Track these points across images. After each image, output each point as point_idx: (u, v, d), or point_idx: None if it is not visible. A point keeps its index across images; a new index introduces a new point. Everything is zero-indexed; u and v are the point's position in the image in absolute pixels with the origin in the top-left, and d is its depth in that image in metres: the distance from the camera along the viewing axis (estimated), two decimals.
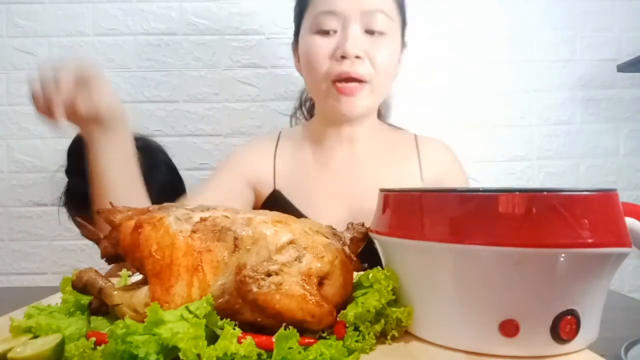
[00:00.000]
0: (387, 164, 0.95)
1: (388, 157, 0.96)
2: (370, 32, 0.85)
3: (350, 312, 0.43)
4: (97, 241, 0.51)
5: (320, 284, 0.45)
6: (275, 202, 0.93)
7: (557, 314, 0.40)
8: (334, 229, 0.52)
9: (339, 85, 0.85)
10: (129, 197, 0.78)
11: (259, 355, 0.38)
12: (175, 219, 0.47)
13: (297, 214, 0.70)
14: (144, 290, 0.45)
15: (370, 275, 0.47)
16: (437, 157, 0.99)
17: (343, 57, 0.83)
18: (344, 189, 0.93)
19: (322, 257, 0.45)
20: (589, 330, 0.43)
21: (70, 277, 0.53)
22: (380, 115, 1.06)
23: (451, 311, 0.43)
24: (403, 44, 0.95)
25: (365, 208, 0.63)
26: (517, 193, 0.40)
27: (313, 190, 0.94)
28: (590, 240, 0.39)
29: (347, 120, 0.91)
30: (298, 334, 0.40)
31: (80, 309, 0.51)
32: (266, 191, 0.95)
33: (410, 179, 0.94)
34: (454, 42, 1.53)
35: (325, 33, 0.86)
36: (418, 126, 1.08)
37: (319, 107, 0.96)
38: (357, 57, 0.83)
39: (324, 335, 0.44)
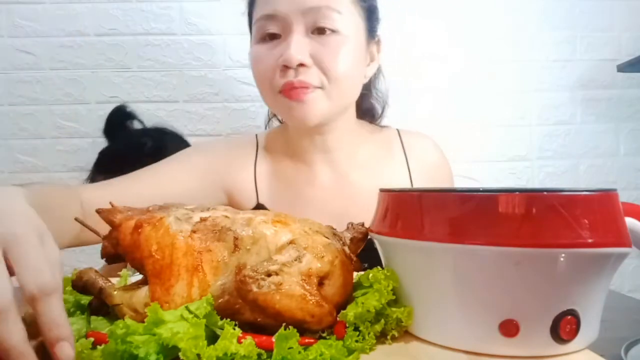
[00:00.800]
0: (372, 170, 0.90)
1: (373, 163, 0.91)
2: (318, 31, 0.76)
3: (350, 312, 0.43)
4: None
5: (320, 284, 0.45)
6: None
7: (557, 314, 0.40)
8: (334, 229, 0.52)
9: (286, 88, 0.76)
10: None
11: (259, 355, 0.38)
12: (175, 219, 0.47)
13: None
14: (144, 290, 0.46)
15: (370, 275, 0.47)
16: (425, 155, 0.94)
17: (286, 67, 0.75)
18: (331, 203, 0.87)
19: (322, 257, 0.45)
20: (589, 330, 0.43)
21: (70, 277, 0.53)
22: (370, 115, 1.00)
23: (451, 311, 0.43)
24: (372, 39, 0.85)
25: (356, 216, 0.59)
26: (517, 193, 0.40)
27: (299, 207, 0.87)
28: (590, 240, 0.39)
29: (307, 128, 0.83)
30: (298, 334, 0.40)
31: (80, 309, 0.51)
32: (249, 203, 0.89)
33: (398, 182, 0.89)
34: (454, 42, 1.53)
35: (269, 39, 0.78)
36: (417, 126, 1.08)
37: (280, 117, 0.92)
38: (301, 64, 0.75)
39: (324, 335, 0.44)
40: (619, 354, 0.41)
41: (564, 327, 0.40)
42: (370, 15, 0.84)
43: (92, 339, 0.40)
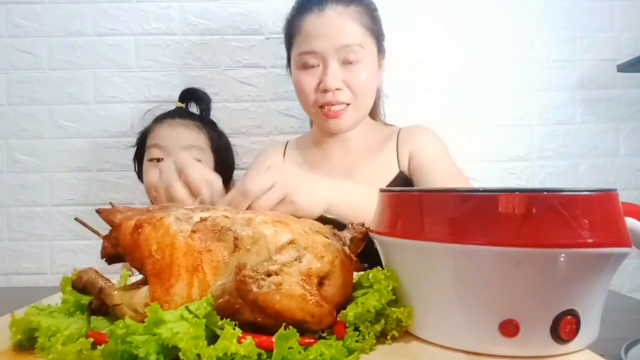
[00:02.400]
0: (374, 155, 1.11)
1: (375, 150, 1.12)
2: (347, 62, 1.00)
3: (350, 312, 0.43)
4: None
5: (320, 284, 0.45)
6: None
7: (557, 314, 0.40)
8: (334, 228, 0.52)
9: (326, 109, 1.02)
10: None
11: (259, 355, 0.38)
12: (175, 219, 0.47)
13: None
14: (144, 290, 0.46)
15: (370, 275, 0.47)
16: (409, 139, 1.10)
17: (325, 91, 1.00)
18: (340, 174, 1.09)
19: (322, 257, 0.45)
20: (589, 330, 0.43)
21: (70, 277, 0.53)
22: (375, 114, 1.20)
23: (451, 311, 0.43)
24: (380, 56, 1.09)
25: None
26: (517, 193, 0.40)
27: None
28: (590, 240, 0.39)
29: (337, 135, 1.09)
30: (298, 334, 0.40)
31: (80, 309, 0.51)
32: None
33: (389, 166, 1.08)
34: (454, 42, 1.53)
35: (309, 67, 1.02)
36: None
37: (314, 123, 1.16)
38: (337, 89, 1.00)
39: (324, 335, 0.44)
40: (619, 354, 0.41)
41: (564, 327, 0.40)
42: (379, 38, 1.08)
43: (92, 339, 0.40)
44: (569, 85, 1.54)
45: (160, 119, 1.29)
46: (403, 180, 1.07)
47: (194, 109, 1.40)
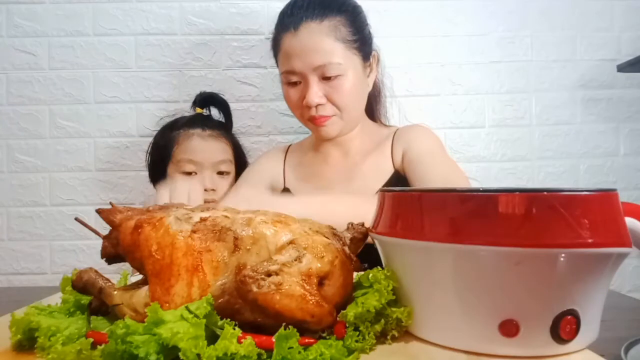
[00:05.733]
0: (372, 156, 1.12)
1: (373, 151, 1.13)
2: (327, 78, 1.00)
3: (350, 312, 0.43)
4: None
5: (320, 284, 0.45)
6: None
7: (557, 314, 0.40)
8: (334, 229, 0.52)
9: (315, 120, 1.04)
10: None
11: (259, 355, 0.38)
12: (175, 219, 0.47)
13: None
14: (144, 290, 0.46)
15: (370, 275, 0.47)
16: (403, 138, 1.10)
17: (308, 107, 1.02)
18: (337, 177, 1.11)
19: (322, 257, 0.45)
20: (589, 330, 0.43)
21: (70, 277, 0.53)
22: (374, 115, 1.22)
23: (451, 311, 0.43)
24: (367, 62, 1.08)
25: (359, 189, 1.04)
26: (517, 193, 0.40)
27: (315, 179, 1.13)
28: (590, 240, 0.39)
29: (333, 139, 1.10)
30: (298, 334, 0.40)
31: (80, 309, 0.51)
32: (279, 189, 1.16)
33: (385, 166, 1.09)
34: (454, 42, 1.53)
35: (293, 84, 1.04)
36: None
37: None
38: (318, 104, 1.01)
39: (324, 335, 0.44)
40: (619, 354, 0.41)
41: (564, 327, 0.40)
42: (362, 47, 1.05)
43: (92, 339, 0.40)
44: (569, 85, 1.54)
45: (186, 128, 1.25)
46: (398, 179, 1.06)
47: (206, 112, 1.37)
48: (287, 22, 1.03)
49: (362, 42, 1.05)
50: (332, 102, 1.02)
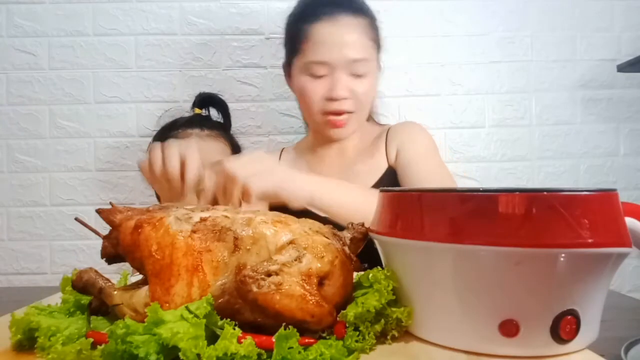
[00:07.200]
0: (366, 153, 1.14)
1: (367, 149, 1.14)
2: (355, 75, 1.01)
3: (350, 312, 0.43)
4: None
5: (320, 284, 0.45)
6: None
7: (557, 314, 0.40)
8: (334, 229, 0.52)
9: (332, 118, 1.03)
10: None
11: (259, 355, 0.38)
12: (175, 219, 0.47)
13: None
14: (144, 290, 0.46)
15: (370, 275, 0.47)
16: (397, 135, 1.12)
17: (332, 99, 1.00)
18: (335, 175, 1.10)
19: (322, 257, 0.45)
20: (589, 330, 0.43)
21: (70, 277, 0.53)
22: (369, 114, 1.21)
23: (451, 311, 0.43)
24: (379, 65, 1.10)
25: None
26: (517, 193, 0.40)
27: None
28: (590, 240, 0.39)
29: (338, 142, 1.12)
30: (298, 334, 0.40)
31: (80, 309, 0.51)
32: None
33: (379, 162, 1.10)
34: (454, 42, 1.53)
35: (317, 77, 1.01)
36: None
37: (313, 129, 1.16)
38: (344, 98, 1.01)
39: (324, 335, 0.44)
40: (619, 354, 0.41)
41: (564, 327, 0.40)
42: (379, 49, 1.09)
43: (92, 339, 0.40)
44: (569, 85, 1.54)
45: (185, 128, 1.25)
46: (392, 175, 1.08)
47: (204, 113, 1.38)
48: (320, 11, 1.01)
49: (379, 48, 1.08)
50: (356, 97, 1.02)
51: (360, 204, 0.68)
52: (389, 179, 1.08)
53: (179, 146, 0.76)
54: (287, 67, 1.11)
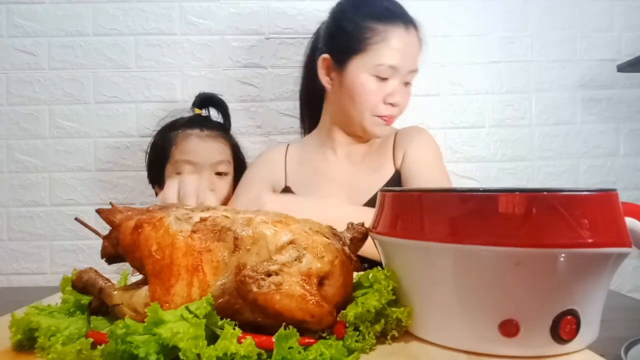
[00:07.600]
0: (373, 157, 1.15)
1: (374, 152, 1.16)
2: (406, 83, 1.07)
3: (350, 312, 0.43)
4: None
5: (320, 284, 0.45)
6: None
7: (557, 314, 0.40)
8: (334, 229, 0.52)
9: (385, 118, 1.07)
10: None
11: (259, 355, 0.38)
12: (175, 219, 0.47)
13: None
14: (144, 290, 0.46)
15: (370, 275, 0.47)
16: (404, 140, 1.13)
17: (391, 104, 1.05)
18: (340, 175, 1.13)
19: (322, 257, 0.45)
20: (589, 330, 0.43)
21: (70, 277, 0.53)
22: None
23: (451, 311, 0.43)
24: None
25: (361, 189, 1.08)
26: (517, 193, 0.40)
27: (317, 181, 1.14)
28: (590, 240, 0.39)
29: (349, 140, 1.15)
30: (298, 334, 0.40)
31: (80, 309, 0.51)
32: (280, 187, 1.17)
33: (386, 166, 1.12)
34: (454, 42, 1.53)
35: (380, 78, 1.04)
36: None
37: (345, 124, 1.13)
38: (399, 105, 1.06)
39: (324, 335, 0.44)
40: (619, 354, 0.41)
41: (564, 327, 0.40)
42: None
43: (92, 339, 0.40)
44: (569, 85, 1.54)
45: (185, 128, 1.25)
46: (399, 179, 1.10)
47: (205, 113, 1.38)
48: (397, 14, 1.05)
49: None
50: (401, 105, 1.07)
51: (332, 219, 0.64)
52: (397, 183, 1.09)
53: (195, 184, 0.76)
54: (336, 60, 1.08)
